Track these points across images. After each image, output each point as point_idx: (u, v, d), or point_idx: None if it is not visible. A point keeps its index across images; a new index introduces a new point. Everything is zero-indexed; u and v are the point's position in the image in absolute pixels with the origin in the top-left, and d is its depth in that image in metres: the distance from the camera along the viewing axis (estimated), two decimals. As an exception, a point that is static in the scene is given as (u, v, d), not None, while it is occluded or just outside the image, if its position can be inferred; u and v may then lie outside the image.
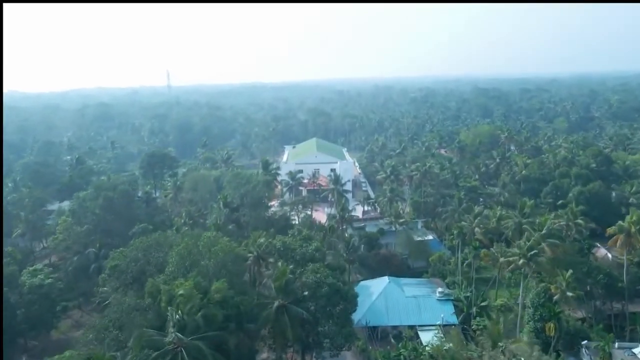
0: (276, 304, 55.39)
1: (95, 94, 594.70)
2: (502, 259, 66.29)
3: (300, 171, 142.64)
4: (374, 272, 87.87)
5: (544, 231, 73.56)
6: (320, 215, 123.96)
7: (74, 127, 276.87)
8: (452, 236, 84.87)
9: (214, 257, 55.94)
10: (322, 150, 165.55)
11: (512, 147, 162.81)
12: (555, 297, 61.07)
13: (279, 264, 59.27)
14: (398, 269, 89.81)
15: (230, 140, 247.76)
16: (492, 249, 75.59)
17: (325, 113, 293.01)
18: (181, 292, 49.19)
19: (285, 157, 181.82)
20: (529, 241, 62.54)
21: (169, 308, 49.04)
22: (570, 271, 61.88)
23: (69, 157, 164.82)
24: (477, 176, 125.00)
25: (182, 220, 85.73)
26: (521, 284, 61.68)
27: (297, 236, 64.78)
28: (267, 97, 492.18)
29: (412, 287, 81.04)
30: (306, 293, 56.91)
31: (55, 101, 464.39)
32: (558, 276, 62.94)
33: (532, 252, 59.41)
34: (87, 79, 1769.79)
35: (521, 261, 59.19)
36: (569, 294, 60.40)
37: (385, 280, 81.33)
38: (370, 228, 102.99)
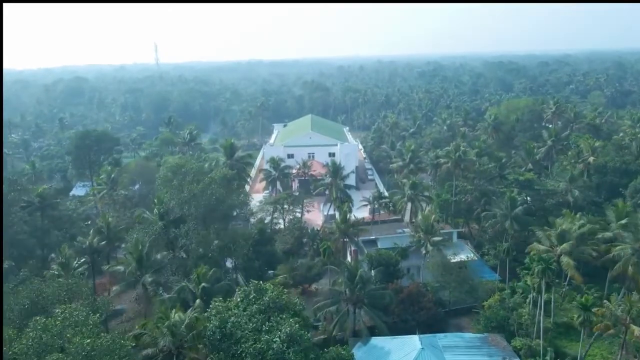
0: None
1: (83, 70, 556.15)
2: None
3: (291, 156, 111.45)
4: (392, 317, 56.52)
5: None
6: (315, 216, 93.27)
7: (36, 103, 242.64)
8: (527, 273, 51.98)
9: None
10: (318, 130, 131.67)
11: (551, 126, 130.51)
12: None
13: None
14: (430, 314, 57.78)
15: (214, 118, 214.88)
16: (607, 302, 43.07)
17: (323, 87, 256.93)
18: None
19: (273, 138, 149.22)
20: None
21: None
22: None
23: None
24: (530, 165, 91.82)
25: (87, 242, 53.15)
26: None
27: (253, 304, 30.93)
28: (262, 72, 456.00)
29: (459, 356, 49.26)
30: None
31: (37, 77, 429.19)
32: None
33: None
34: (79, 56, 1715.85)
35: None
36: None
37: (415, 343, 49.36)
38: (385, 243, 70.66)
